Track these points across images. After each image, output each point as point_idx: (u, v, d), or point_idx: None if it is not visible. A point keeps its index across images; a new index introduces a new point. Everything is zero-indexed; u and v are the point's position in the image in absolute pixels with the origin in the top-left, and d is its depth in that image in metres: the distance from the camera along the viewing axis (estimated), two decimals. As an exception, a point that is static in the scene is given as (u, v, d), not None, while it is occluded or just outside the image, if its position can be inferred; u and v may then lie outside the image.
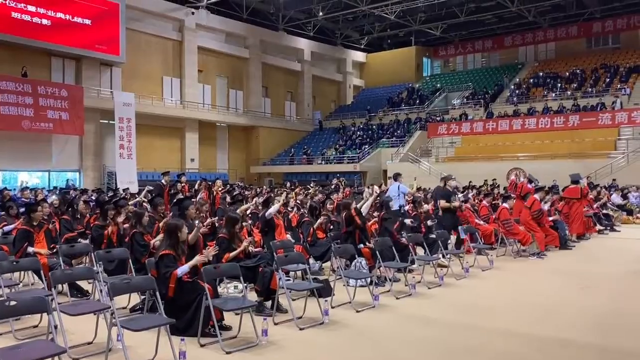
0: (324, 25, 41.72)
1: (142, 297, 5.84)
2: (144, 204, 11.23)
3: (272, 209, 8.11)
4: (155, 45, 31.89)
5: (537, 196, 11.21)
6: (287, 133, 40.19)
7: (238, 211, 7.68)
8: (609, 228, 15.22)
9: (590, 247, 12.31)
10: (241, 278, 5.60)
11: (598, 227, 14.71)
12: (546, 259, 10.37)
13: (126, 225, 7.56)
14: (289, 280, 7.20)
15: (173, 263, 5.19)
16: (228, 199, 11.83)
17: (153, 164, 29.52)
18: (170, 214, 9.03)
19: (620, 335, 5.51)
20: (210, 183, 13.74)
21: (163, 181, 12.84)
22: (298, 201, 12.96)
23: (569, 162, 24.47)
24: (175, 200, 10.45)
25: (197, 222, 7.21)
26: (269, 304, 5.97)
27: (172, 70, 32.88)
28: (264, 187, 26.86)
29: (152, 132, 30.70)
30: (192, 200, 9.49)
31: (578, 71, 35.58)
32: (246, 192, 18.86)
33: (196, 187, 13.72)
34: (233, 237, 6.32)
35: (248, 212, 9.53)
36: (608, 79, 33.31)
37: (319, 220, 9.13)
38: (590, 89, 32.82)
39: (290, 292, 5.83)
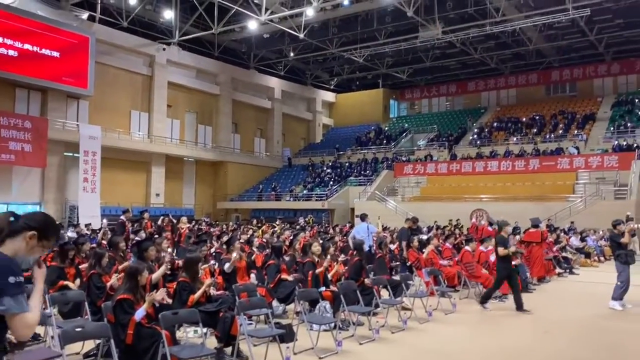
0: (295, 65, 42.49)
1: (97, 342, 5.65)
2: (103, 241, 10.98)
3: (229, 265, 7.89)
4: (125, 80, 31.79)
5: (482, 247, 11.43)
6: (256, 169, 40.20)
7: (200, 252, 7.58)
8: (568, 271, 15.57)
9: (551, 290, 12.54)
10: (200, 324, 5.50)
11: (558, 270, 15.04)
12: (507, 302, 10.51)
13: (84, 266, 7.36)
14: (251, 324, 7.10)
15: (131, 309, 5.07)
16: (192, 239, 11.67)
17: (117, 198, 28.98)
18: (131, 256, 8.83)
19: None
20: (174, 220, 13.56)
21: (123, 217, 12.62)
22: (263, 240, 12.89)
23: (529, 205, 25.12)
24: (134, 242, 10.24)
25: (166, 256, 7.08)
26: (229, 350, 5.85)
27: (141, 105, 32.74)
28: (230, 223, 26.60)
29: (117, 166, 30.24)
30: (153, 240, 9.32)
31: (537, 117, 36.99)
32: (212, 229, 18.67)
33: (159, 223, 13.50)
34: (194, 279, 6.20)
35: (212, 251, 9.42)
36: (566, 125, 34.69)
37: (285, 261, 9.07)
38: (549, 134, 34.08)
39: (251, 338, 5.74)
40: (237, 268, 7.98)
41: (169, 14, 32.37)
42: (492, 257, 11.43)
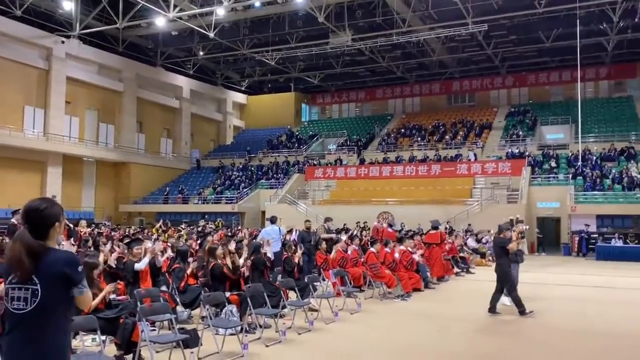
0: (205, 64, 41.67)
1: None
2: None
3: (142, 263, 7.59)
4: (17, 73, 29.54)
5: (387, 249, 11.86)
6: (162, 171, 38.87)
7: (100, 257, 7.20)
8: (465, 270, 16.54)
9: (449, 288, 13.26)
10: (98, 331, 5.22)
11: (455, 269, 15.93)
12: (410, 301, 10.97)
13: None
14: (154, 330, 6.84)
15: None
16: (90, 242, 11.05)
17: (8, 199, 26.72)
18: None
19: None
20: (70, 225, 12.74)
21: (14, 220, 11.68)
22: (168, 244, 12.48)
23: (431, 208, 26.37)
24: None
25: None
26: (129, 358, 5.60)
27: (36, 100, 30.57)
28: (133, 227, 25.49)
29: (9, 165, 28.02)
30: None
31: (440, 124, 38.99)
32: (113, 233, 17.78)
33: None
34: (91, 285, 5.87)
35: (114, 256, 8.97)
36: (465, 133, 36.87)
37: (191, 265, 8.84)
38: (450, 141, 36.04)
39: (153, 344, 5.53)
40: (140, 273, 7.65)
41: (68, 5, 30.45)
42: (397, 256, 11.91)
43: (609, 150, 29.74)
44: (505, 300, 10.40)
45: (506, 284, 9.34)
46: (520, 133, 34.60)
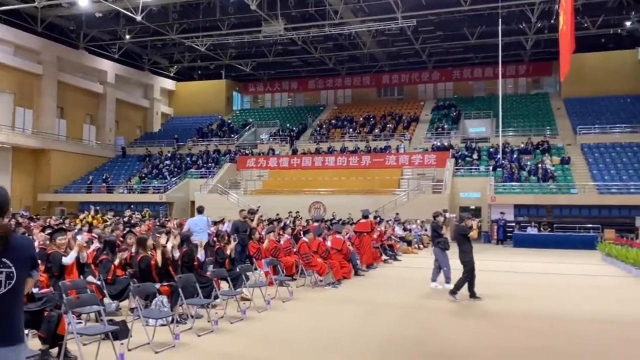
0: (131, 48, 40.10)
1: None
2: None
3: (69, 258, 7.23)
4: None
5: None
6: (85, 158, 37.17)
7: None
8: (392, 257, 17.11)
9: (378, 275, 13.68)
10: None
11: (384, 257, 16.45)
12: (340, 288, 11.24)
13: None
14: (80, 323, 6.63)
15: None
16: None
17: None
18: None
19: (399, 358, 6.23)
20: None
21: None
22: (94, 235, 12.03)
23: (362, 197, 27.02)
24: None
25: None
26: (55, 351, 5.41)
27: (-58, 80, 28.25)
28: (54, 217, 24.25)
29: None
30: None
31: (370, 116, 39.80)
32: (32, 223, 16.88)
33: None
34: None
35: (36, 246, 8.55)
36: (394, 126, 37.88)
37: (119, 256, 8.59)
38: (379, 133, 36.90)
39: (80, 336, 5.38)
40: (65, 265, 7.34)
41: (-20, -21, 28.30)
42: (329, 244, 12.16)
43: (526, 143, 31.60)
44: (435, 284, 11.00)
45: (465, 267, 9.75)
46: (445, 126, 36.00)
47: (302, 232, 12.52)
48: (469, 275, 9.71)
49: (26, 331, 5.24)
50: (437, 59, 41.04)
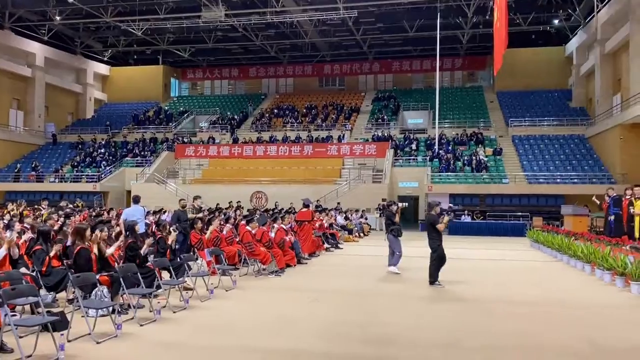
0: (62, 30, 38.18)
1: None
2: None
3: (0, 253, 6.87)
4: None
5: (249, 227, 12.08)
6: (12, 145, 35.21)
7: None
8: (334, 246, 17.38)
9: (320, 263, 13.87)
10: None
11: (326, 245, 16.67)
12: (283, 276, 11.32)
13: None
14: (14, 315, 6.35)
15: None
16: None
17: None
18: None
19: (343, 342, 6.39)
20: None
21: None
22: (25, 225, 11.49)
23: (304, 187, 27.17)
24: None
25: None
26: (-12, 345, 5.18)
27: None
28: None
29: None
30: None
31: (312, 106, 39.93)
32: (-46, 215, 15.84)
33: None
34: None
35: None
36: (336, 116, 38.20)
37: (55, 247, 8.25)
38: (321, 123, 37.12)
39: (17, 328, 5.17)
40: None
41: None
42: (272, 234, 12.19)
43: (461, 135, 32.78)
44: (394, 269, 11.37)
45: (433, 253, 10.00)
46: (385, 117, 36.71)
47: (246, 222, 12.48)
48: (438, 261, 10.06)
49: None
50: (378, 50, 41.66)
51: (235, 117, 39.59)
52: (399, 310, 8.14)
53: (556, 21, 34.45)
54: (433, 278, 10.04)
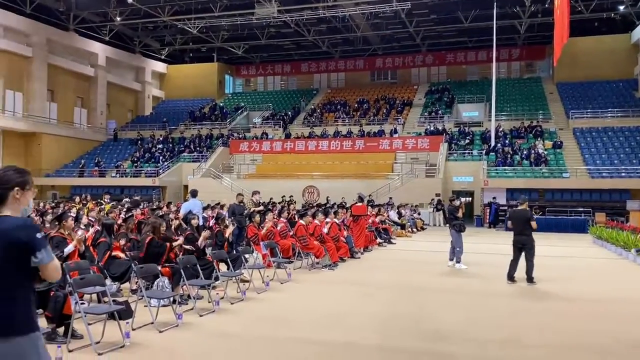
0: (122, 30, 39.61)
1: None
2: None
3: (68, 249, 7.25)
4: None
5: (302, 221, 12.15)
6: (77, 142, 36.93)
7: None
8: (387, 241, 17.26)
9: (373, 258, 13.83)
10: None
11: (379, 240, 16.59)
12: (337, 270, 11.36)
13: None
14: (83, 304, 6.68)
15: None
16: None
17: None
18: None
19: (396, 335, 6.35)
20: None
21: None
22: (90, 218, 12.05)
23: (355, 182, 27.10)
24: None
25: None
26: (61, 330, 5.47)
27: None
28: (48, 201, 24.16)
29: None
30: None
31: (363, 100, 39.72)
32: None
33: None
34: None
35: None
36: (387, 110, 37.85)
37: (121, 240, 8.61)
38: (373, 117, 36.88)
39: (86, 316, 5.44)
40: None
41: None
42: (325, 230, 12.24)
43: (518, 128, 31.74)
44: (461, 265, 11.64)
45: (531, 250, 9.71)
46: (439, 111, 36.03)
47: (299, 216, 12.58)
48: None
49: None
50: (431, 42, 40.89)
51: (288, 112, 39.93)
52: (453, 305, 7.99)
53: (621, 7, 32.69)
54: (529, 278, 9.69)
